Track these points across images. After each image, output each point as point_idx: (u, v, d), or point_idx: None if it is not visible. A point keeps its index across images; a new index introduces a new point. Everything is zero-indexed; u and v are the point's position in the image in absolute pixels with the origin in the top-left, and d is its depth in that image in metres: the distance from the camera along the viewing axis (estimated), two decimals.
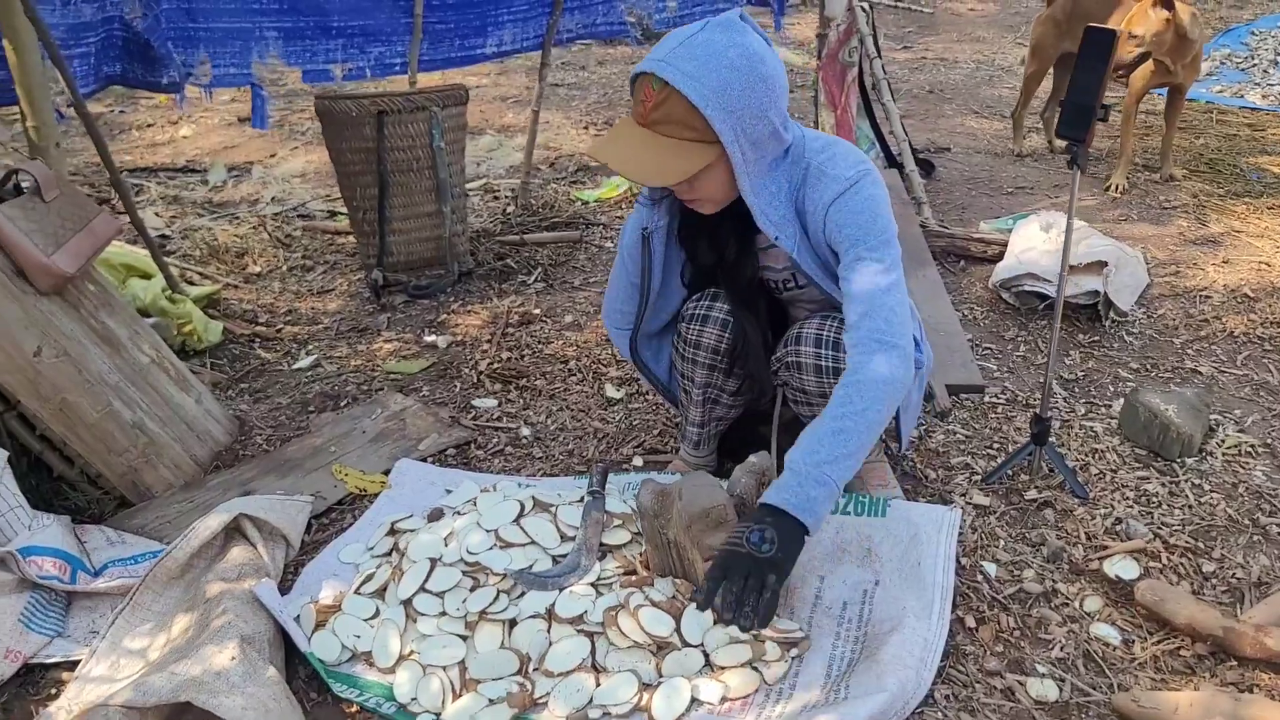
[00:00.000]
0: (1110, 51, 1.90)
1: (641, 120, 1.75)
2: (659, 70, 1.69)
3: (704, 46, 1.70)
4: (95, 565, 2.06)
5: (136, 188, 4.71)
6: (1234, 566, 2.02)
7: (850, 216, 1.84)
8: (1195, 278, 3.36)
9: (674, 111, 1.71)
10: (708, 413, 2.21)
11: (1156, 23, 3.86)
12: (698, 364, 2.10)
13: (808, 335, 1.96)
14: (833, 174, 1.86)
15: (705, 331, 2.05)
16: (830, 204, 1.85)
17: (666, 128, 1.73)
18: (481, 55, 3.82)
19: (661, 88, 1.69)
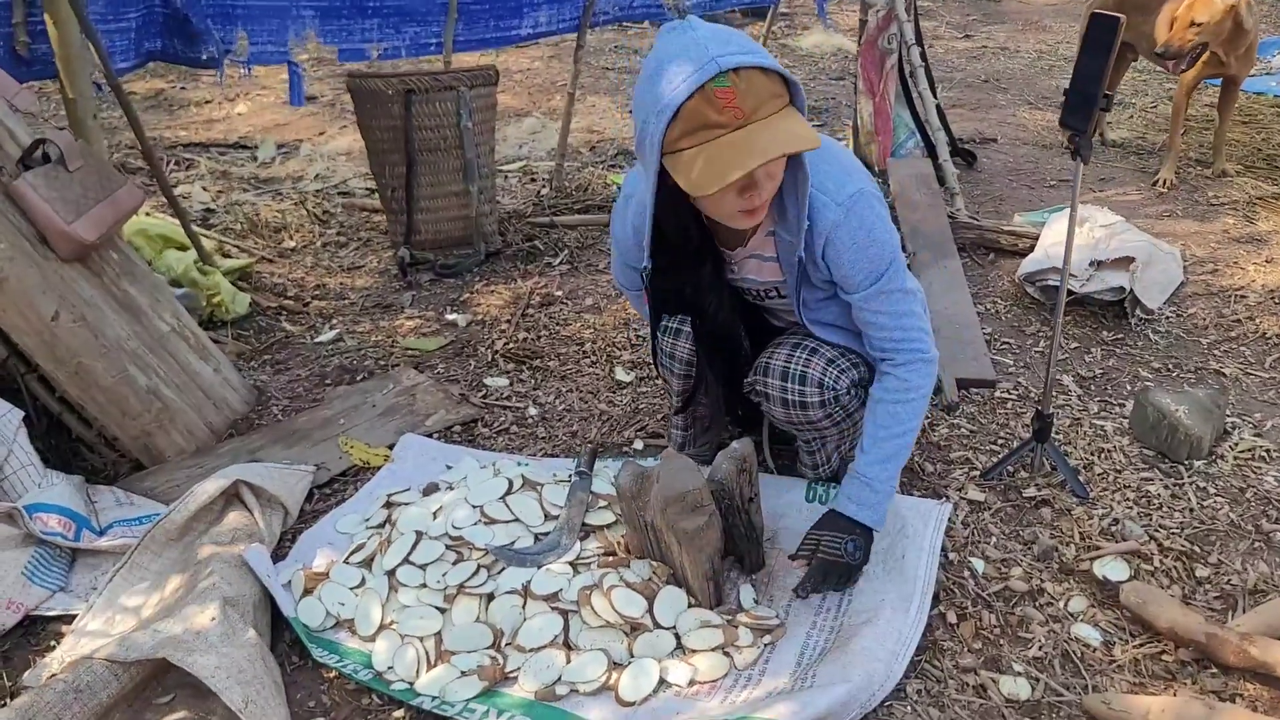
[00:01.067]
0: (1114, 39, 1.85)
1: (740, 118, 1.55)
2: (723, 65, 1.52)
3: (715, 34, 1.58)
4: (102, 524, 2.14)
5: (188, 163, 4.84)
6: (1230, 573, 1.97)
7: (856, 255, 1.80)
8: (1233, 277, 3.26)
9: (760, 87, 1.55)
10: (689, 415, 2.25)
11: (1220, 10, 3.73)
12: (675, 374, 2.12)
13: (775, 368, 1.95)
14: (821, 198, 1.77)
15: (678, 345, 2.07)
16: (827, 234, 1.78)
17: (765, 107, 1.57)
18: (516, 36, 3.84)
19: (736, 78, 1.53)
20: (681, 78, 1.53)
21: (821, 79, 6.38)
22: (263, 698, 1.64)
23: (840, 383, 1.92)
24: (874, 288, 1.83)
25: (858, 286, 1.84)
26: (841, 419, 2.00)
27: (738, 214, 1.69)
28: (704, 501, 1.81)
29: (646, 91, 1.59)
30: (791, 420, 2.00)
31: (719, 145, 1.55)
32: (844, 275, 1.83)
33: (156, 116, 5.76)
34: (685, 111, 1.54)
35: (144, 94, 6.19)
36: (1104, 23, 1.88)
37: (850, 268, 1.81)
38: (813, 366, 1.92)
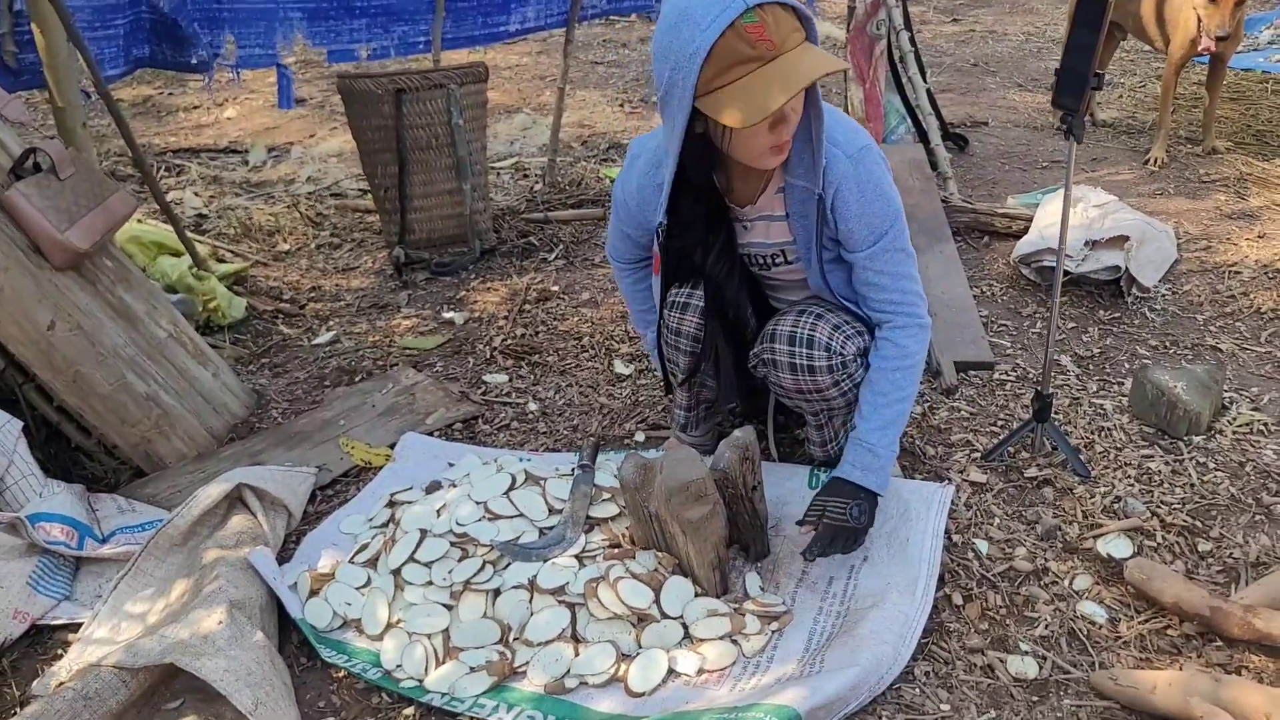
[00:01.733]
0: (1104, 17, 1.85)
1: (773, 50, 1.59)
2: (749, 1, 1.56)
3: None
4: (104, 532, 2.14)
5: (179, 168, 4.83)
6: (1232, 546, 1.98)
7: (863, 208, 1.83)
8: (1227, 253, 3.27)
9: (784, 20, 1.60)
10: (694, 396, 2.23)
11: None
12: (681, 350, 2.09)
13: (782, 333, 1.94)
14: (831, 150, 1.81)
15: (685, 320, 2.04)
16: (837, 185, 1.82)
17: (791, 39, 1.60)
18: (505, 33, 3.84)
19: (763, 12, 1.57)
20: (710, 18, 1.56)
21: None
22: (273, 699, 1.65)
23: (847, 348, 1.92)
24: (878, 245, 1.87)
25: (862, 242, 1.87)
26: (849, 389, 1.99)
27: (768, 152, 1.73)
28: (708, 491, 1.82)
29: (671, 40, 1.62)
30: (800, 388, 1.97)
31: (756, 78, 1.59)
32: (849, 230, 1.86)
33: (145, 123, 5.75)
34: (718, 50, 1.57)
35: (132, 100, 6.17)
36: (1093, 2, 1.88)
37: (856, 221, 1.84)
38: (819, 330, 1.91)
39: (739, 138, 1.70)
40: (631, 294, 2.29)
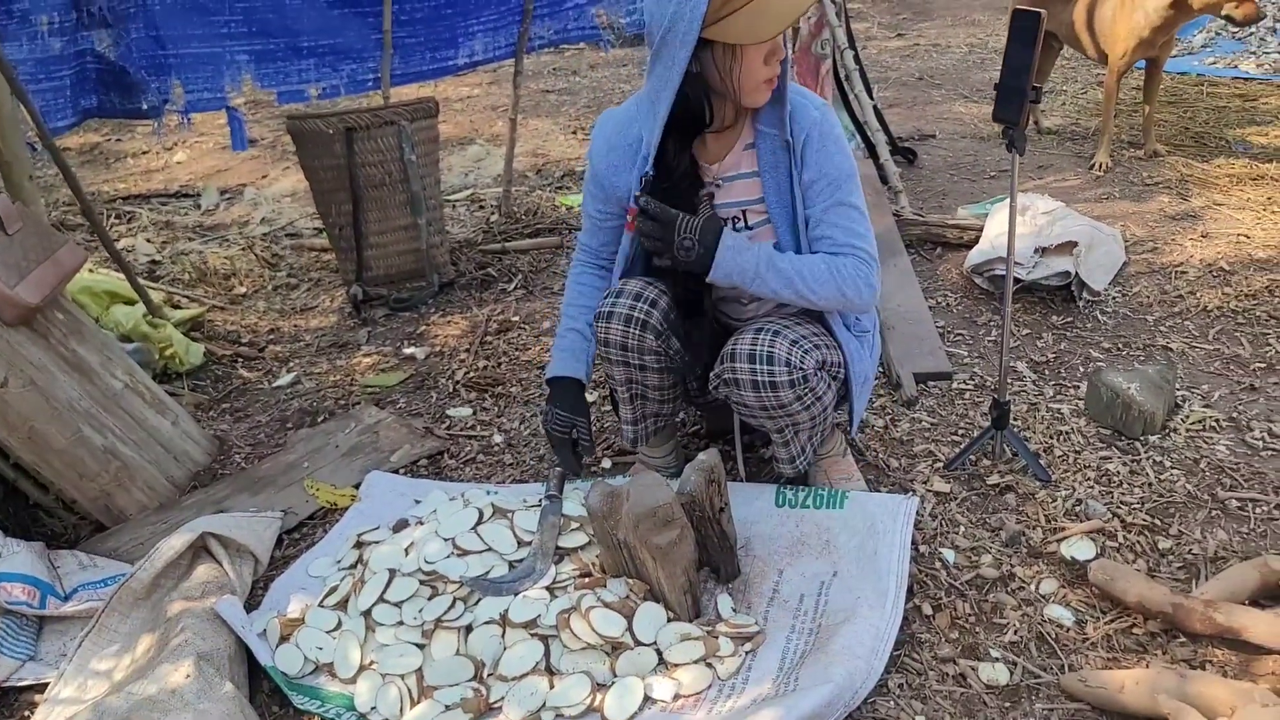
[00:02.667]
0: (1038, 33, 1.90)
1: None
2: None
3: None
4: (66, 589, 2.10)
5: (129, 215, 4.78)
6: (1191, 542, 2.02)
7: (824, 158, 1.96)
8: (1173, 254, 3.34)
9: None
10: (638, 409, 2.21)
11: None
12: (613, 362, 2.10)
13: (741, 351, 1.95)
14: (801, 101, 1.96)
15: (611, 329, 2.05)
16: (807, 131, 1.95)
17: None
18: (454, 66, 3.85)
19: None
20: None
21: None
22: None
23: (806, 362, 1.94)
24: (835, 196, 1.96)
25: (819, 194, 1.96)
26: (812, 402, 2.00)
27: (763, 85, 1.88)
28: (675, 515, 1.82)
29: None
30: (764, 405, 1.97)
31: (760, 3, 1.78)
32: (810, 179, 1.97)
33: (93, 171, 5.69)
34: None
35: (79, 148, 6.11)
36: (1027, 18, 1.93)
37: (818, 170, 1.95)
38: (778, 346, 1.93)
39: (746, 67, 1.84)
40: (572, 285, 2.27)
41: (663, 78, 1.85)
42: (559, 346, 2.21)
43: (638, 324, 2.03)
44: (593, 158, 2.11)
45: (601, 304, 2.08)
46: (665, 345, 2.07)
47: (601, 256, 2.24)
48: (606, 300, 2.07)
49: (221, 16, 3.28)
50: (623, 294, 2.05)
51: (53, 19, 3.00)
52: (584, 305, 2.22)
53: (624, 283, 2.08)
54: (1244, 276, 3.11)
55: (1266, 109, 4.85)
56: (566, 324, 2.23)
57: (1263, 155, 4.17)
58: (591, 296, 2.22)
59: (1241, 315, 2.89)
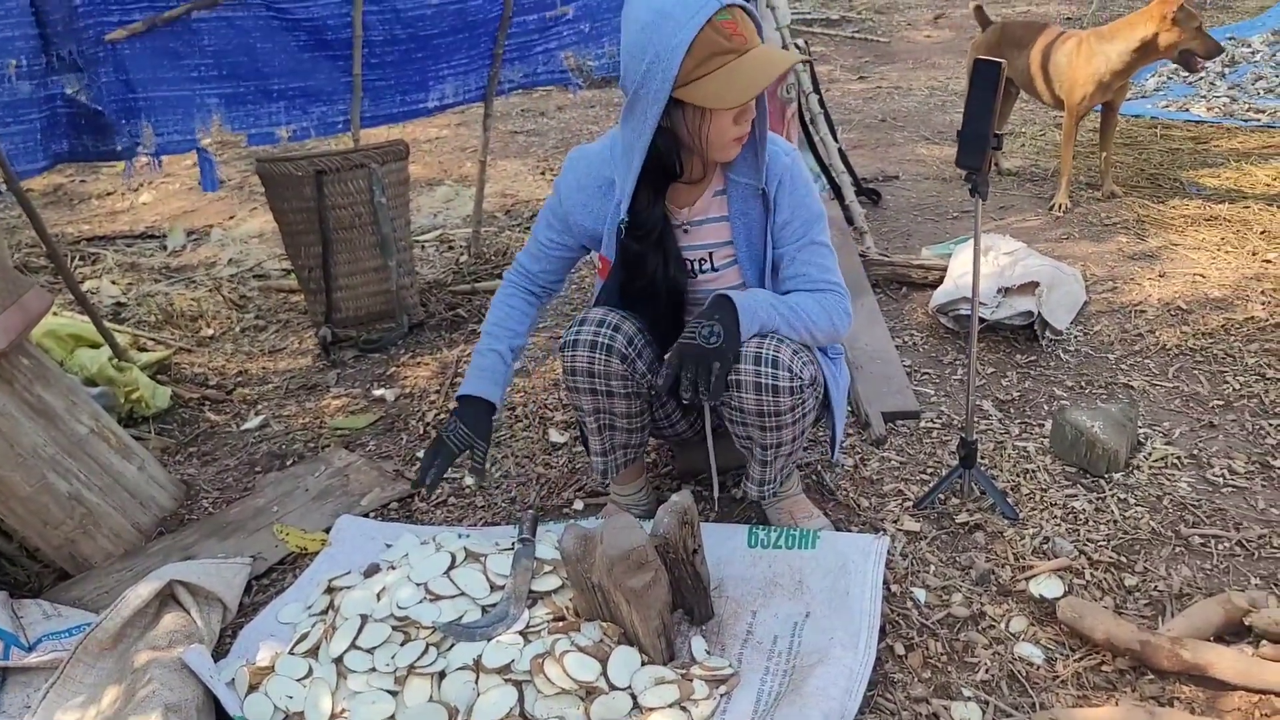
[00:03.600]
0: (998, 83, 1.95)
1: (745, 44, 1.82)
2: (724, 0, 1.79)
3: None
4: (30, 640, 2.07)
5: (93, 257, 4.74)
6: (1156, 579, 2.05)
7: (796, 201, 2.03)
8: (1132, 293, 3.41)
9: (748, 21, 1.84)
10: (607, 440, 2.21)
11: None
12: (580, 390, 2.11)
13: (747, 354, 1.96)
14: (771, 149, 2.01)
15: (577, 356, 2.06)
16: (779, 177, 2.01)
17: (754, 38, 1.84)
18: (424, 109, 3.87)
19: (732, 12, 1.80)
20: (689, 15, 1.77)
21: None
22: None
23: (804, 373, 1.98)
24: (807, 237, 2.04)
25: (793, 235, 2.04)
26: (800, 417, 2.03)
27: (732, 142, 1.93)
28: (649, 558, 1.83)
29: (649, 36, 1.80)
30: (762, 409, 1.98)
31: (734, 67, 1.81)
32: (783, 221, 2.04)
33: (58, 212, 5.64)
34: (698, 43, 1.78)
35: (42, 190, 6.06)
36: (988, 67, 1.98)
37: (790, 213, 2.03)
38: (782, 353, 1.96)
39: (715, 127, 1.88)
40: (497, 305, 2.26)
41: (636, 131, 1.89)
42: (476, 365, 2.20)
43: (603, 349, 2.05)
44: (561, 191, 2.14)
45: (565, 334, 2.11)
46: (631, 369, 2.09)
47: (537, 282, 2.27)
48: (570, 330, 2.09)
49: (192, 60, 3.29)
50: (586, 322, 2.08)
51: (20, 63, 2.99)
52: (509, 328, 2.23)
53: (587, 311, 2.11)
54: (1201, 315, 3.19)
55: (1218, 151, 4.98)
56: (488, 343, 2.22)
57: (1215, 197, 4.28)
58: (519, 320, 2.24)
59: (1199, 353, 2.96)
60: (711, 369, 1.87)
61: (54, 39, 3.04)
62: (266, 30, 3.36)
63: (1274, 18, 7.67)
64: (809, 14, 9.99)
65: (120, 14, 3.12)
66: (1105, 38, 4.09)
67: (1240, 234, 3.85)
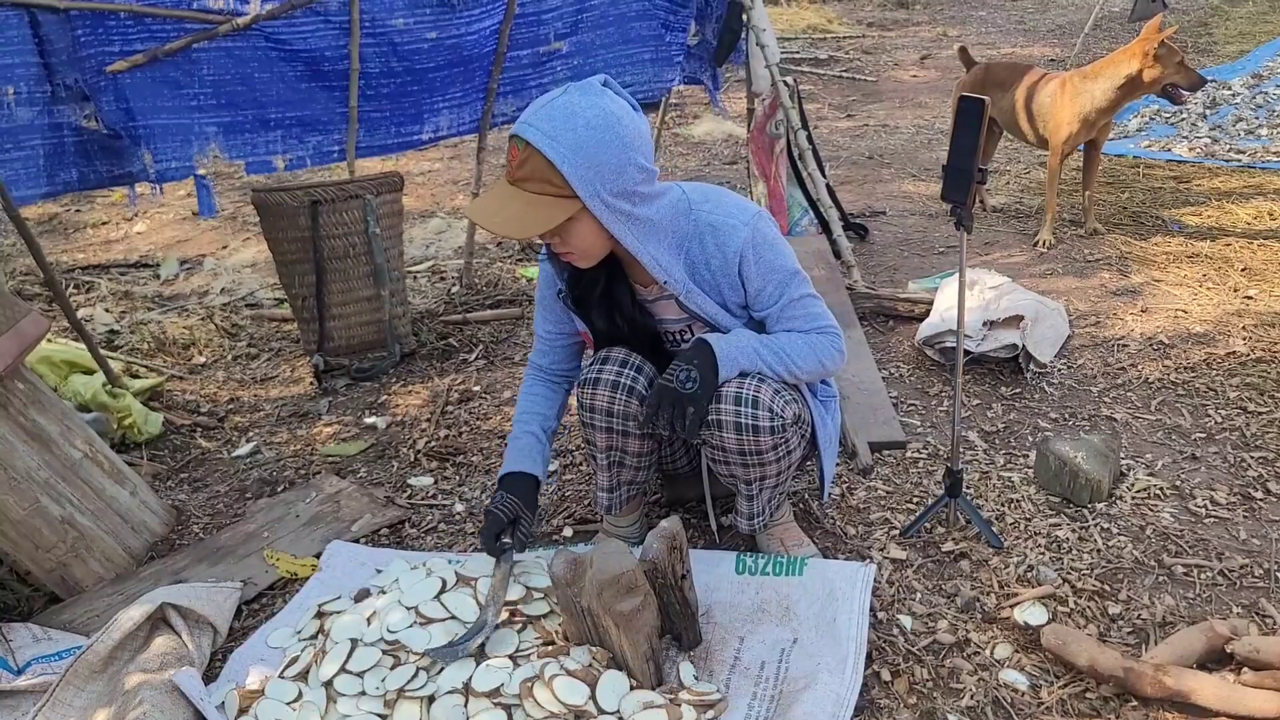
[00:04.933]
0: (982, 120, 2.01)
1: (510, 178, 1.85)
2: (521, 132, 1.80)
3: (563, 108, 1.80)
4: (19, 663, 2.07)
5: (88, 285, 4.76)
6: (1140, 607, 2.08)
7: (765, 269, 2.00)
8: (1115, 327, 3.47)
9: (536, 169, 1.80)
10: (615, 476, 2.25)
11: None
12: (596, 428, 2.15)
13: (727, 394, 2.00)
14: (729, 224, 1.98)
15: (598, 395, 2.10)
16: (740, 253, 1.97)
17: (531, 185, 1.82)
18: (418, 141, 3.92)
19: (524, 147, 1.80)
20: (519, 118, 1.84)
21: (715, 164, 6.61)
22: None
23: (786, 412, 2.01)
24: (786, 296, 2.03)
25: (770, 299, 2.03)
26: (784, 454, 2.06)
27: (564, 253, 1.95)
28: (638, 582, 1.85)
29: None
30: (743, 449, 2.02)
31: (492, 185, 1.89)
32: (757, 290, 2.02)
33: (52, 241, 5.66)
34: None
35: (37, 219, 6.08)
36: (972, 103, 2.04)
37: (763, 281, 2.01)
38: (763, 393, 1.99)
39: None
40: (523, 397, 2.33)
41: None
42: (513, 449, 2.24)
43: (624, 390, 2.09)
44: (540, 281, 2.20)
45: (587, 370, 2.13)
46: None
47: (553, 375, 2.32)
48: (591, 367, 2.12)
49: (191, 89, 3.33)
50: (609, 361, 2.11)
51: (19, 90, 3.03)
52: (537, 412, 2.29)
53: (608, 350, 2.14)
54: (1183, 350, 3.24)
55: (1199, 190, 5.07)
56: (520, 428, 2.28)
57: (1196, 234, 4.36)
58: (545, 405, 2.30)
59: (1181, 387, 3.00)
60: (685, 412, 1.93)
61: (58, 68, 3.08)
62: (265, 61, 3.41)
63: (1253, 61, 7.82)
64: (798, 53, 10.15)
65: (122, 44, 3.17)
66: (1089, 76, 4.18)
67: (1222, 271, 3.92)
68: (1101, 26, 9.91)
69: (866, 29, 11.65)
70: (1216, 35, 9.20)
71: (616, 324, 2.12)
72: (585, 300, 2.10)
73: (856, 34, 11.33)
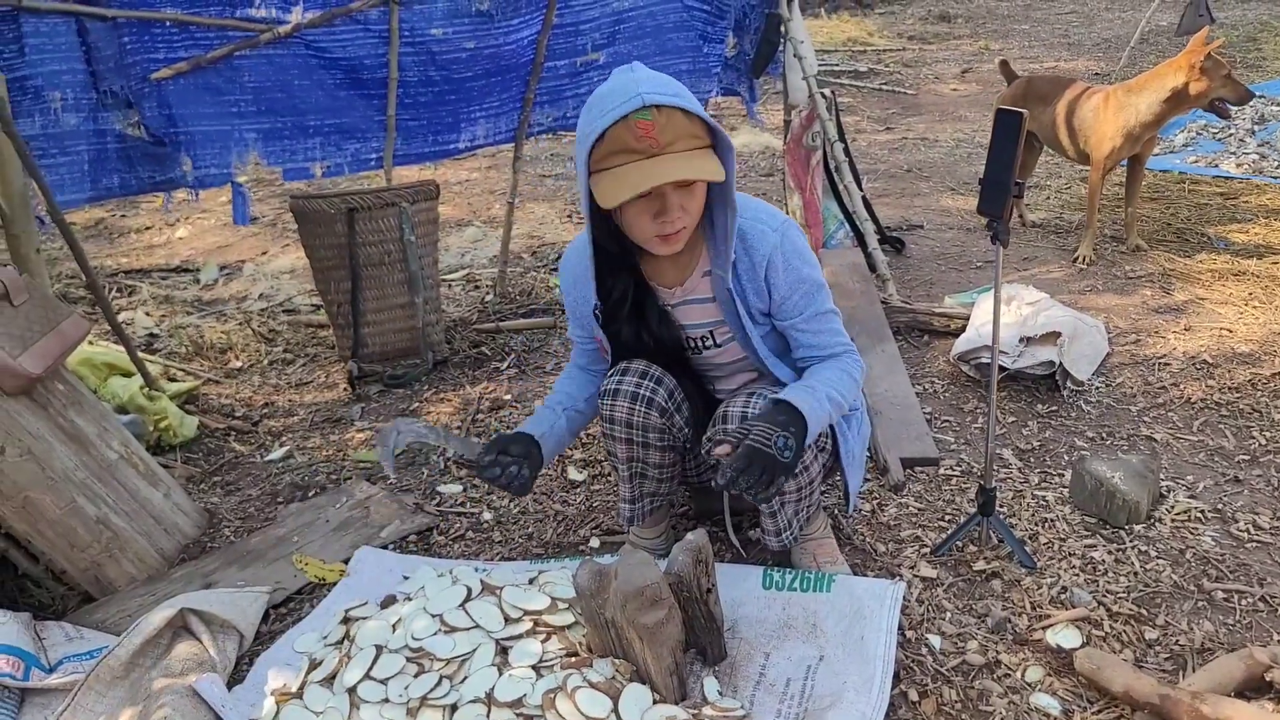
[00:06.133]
0: (1020, 131, 1.98)
1: (656, 149, 1.74)
2: (651, 100, 1.72)
3: (656, 76, 1.78)
4: (51, 661, 2.09)
5: (130, 289, 4.84)
6: (1178, 633, 2.03)
7: (793, 278, 1.98)
8: (1156, 346, 3.40)
9: (680, 127, 1.75)
10: (637, 487, 2.24)
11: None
12: (616, 439, 2.14)
13: (734, 414, 2.00)
14: (758, 229, 1.97)
15: (617, 406, 2.09)
16: (768, 257, 1.96)
17: (680, 144, 1.76)
18: (455, 149, 3.94)
19: (658, 112, 1.73)
20: (611, 106, 1.74)
21: (752, 176, 6.59)
22: None
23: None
24: (812, 308, 2.01)
25: (795, 309, 2.01)
26: (799, 472, 2.04)
27: (655, 239, 1.88)
28: (663, 595, 1.83)
29: (583, 117, 1.80)
30: None
31: (630, 168, 1.75)
32: (782, 297, 2.00)
33: (97, 245, 5.77)
34: (608, 136, 1.74)
35: (84, 224, 6.20)
36: (1009, 117, 2.01)
37: (788, 289, 1.99)
38: None
39: (626, 221, 1.87)
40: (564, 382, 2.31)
41: (583, 202, 1.89)
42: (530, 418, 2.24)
43: (644, 401, 2.08)
44: (564, 288, 2.18)
45: (607, 381, 2.12)
46: (669, 423, 2.12)
47: (592, 372, 2.30)
48: (612, 378, 2.11)
49: (232, 96, 3.38)
50: (629, 372, 2.10)
51: (65, 96, 3.08)
52: (567, 391, 2.28)
53: (628, 362, 2.12)
54: (1227, 369, 3.17)
55: (1246, 207, 4.97)
56: (544, 404, 2.28)
57: (1243, 252, 4.27)
58: (581, 386, 2.29)
59: (1225, 408, 2.94)
60: (775, 479, 1.81)
61: (104, 75, 3.13)
62: (305, 68, 3.45)
63: None
64: (837, 66, 10.11)
65: (166, 52, 3.22)
66: (1134, 90, 4.12)
67: (1268, 289, 3.84)
68: (1149, 41, 9.79)
69: (907, 42, 11.58)
70: (1266, 51, 9.04)
71: (644, 340, 2.11)
72: (614, 315, 2.08)
73: (897, 47, 11.27)
